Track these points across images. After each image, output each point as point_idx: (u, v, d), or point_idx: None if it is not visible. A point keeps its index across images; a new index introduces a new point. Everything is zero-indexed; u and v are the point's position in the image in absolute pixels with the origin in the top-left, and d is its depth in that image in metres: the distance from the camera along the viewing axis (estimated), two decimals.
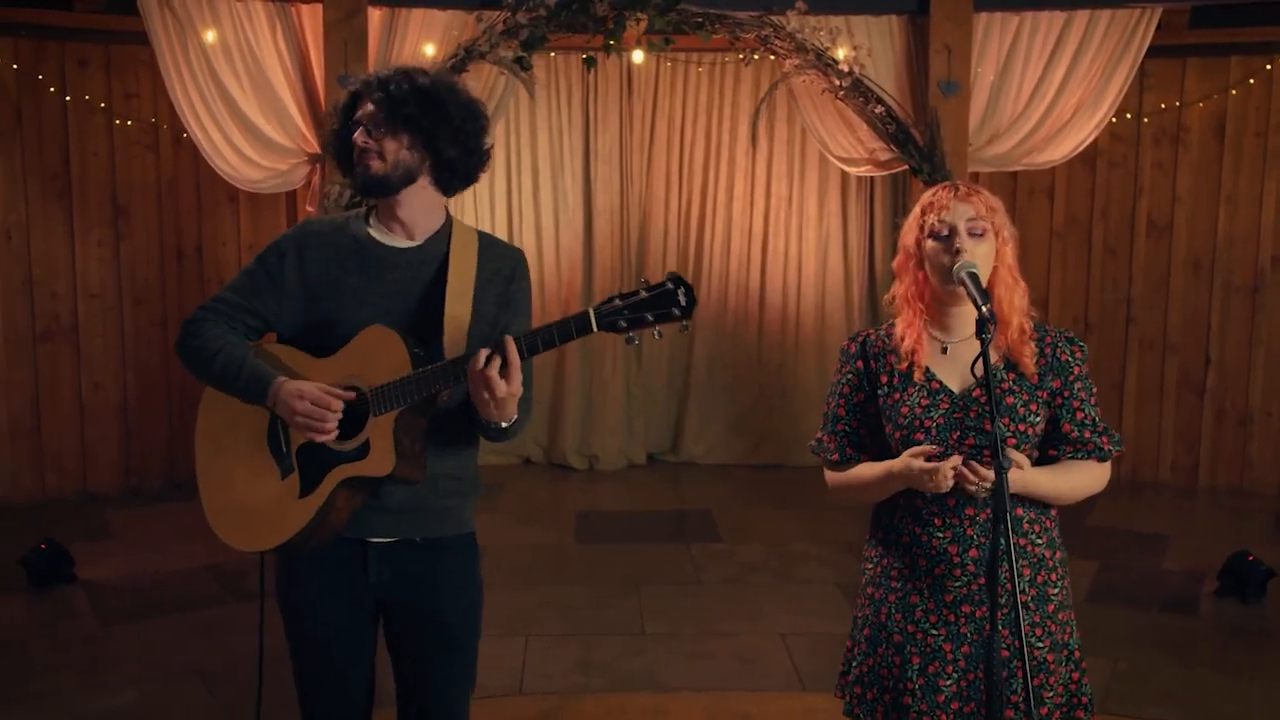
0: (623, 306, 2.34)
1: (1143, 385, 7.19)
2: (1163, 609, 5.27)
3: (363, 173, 2.58)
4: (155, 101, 6.78)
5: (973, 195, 2.54)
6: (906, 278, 2.61)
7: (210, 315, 2.66)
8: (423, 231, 2.65)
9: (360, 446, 2.51)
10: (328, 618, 2.68)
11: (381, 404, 2.48)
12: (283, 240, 2.68)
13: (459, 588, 2.73)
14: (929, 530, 2.53)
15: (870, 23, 5.42)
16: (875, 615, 2.62)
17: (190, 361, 2.66)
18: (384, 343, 2.51)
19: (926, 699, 2.54)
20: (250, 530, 2.61)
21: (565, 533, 6.41)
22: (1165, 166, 7.01)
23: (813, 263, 7.64)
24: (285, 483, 2.57)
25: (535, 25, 5.10)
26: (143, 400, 6.98)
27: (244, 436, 2.64)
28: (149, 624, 5.05)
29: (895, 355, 2.59)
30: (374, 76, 2.61)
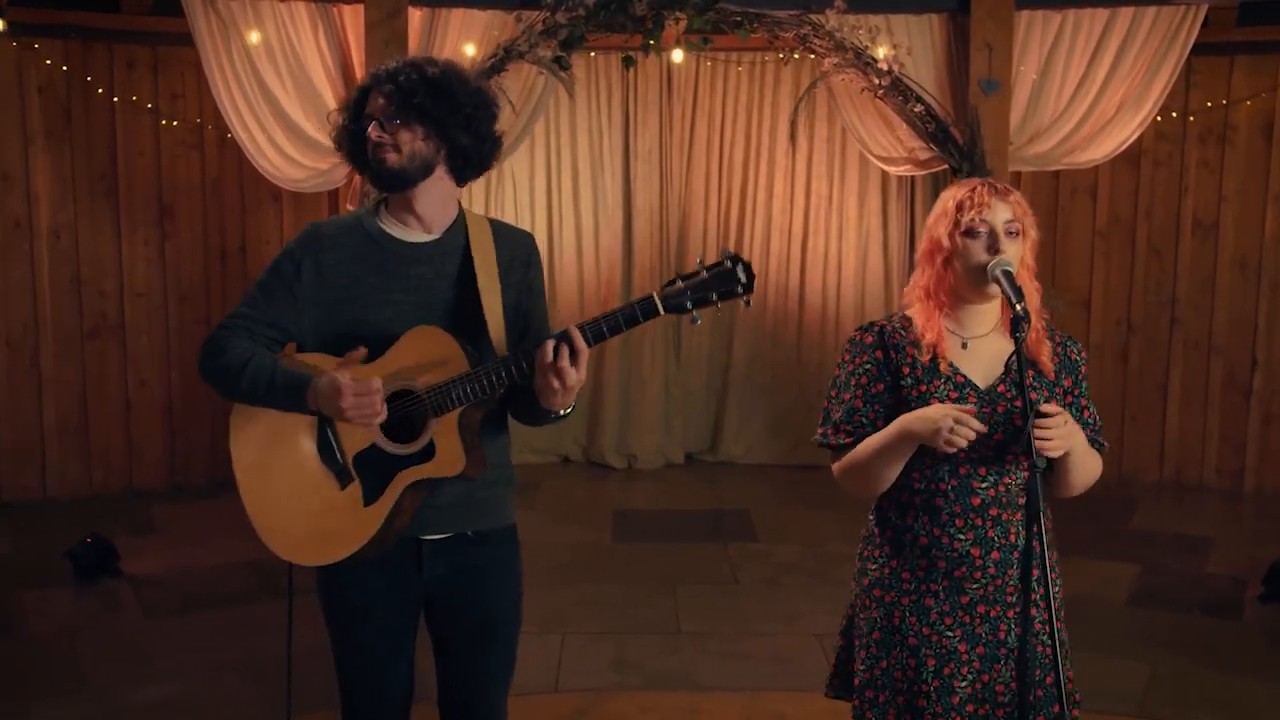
0: (685, 288, 2.37)
1: (1187, 387, 7.10)
2: (1205, 613, 5.21)
3: (378, 167, 2.55)
4: (200, 102, 6.86)
5: (1009, 195, 2.53)
6: (929, 270, 2.58)
7: (230, 331, 2.60)
8: (439, 224, 2.64)
9: (425, 448, 2.50)
10: (378, 616, 2.68)
11: (442, 403, 2.47)
12: (295, 248, 2.62)
13: (505, 580, 2.76)
14: (950, 532, 2.50)
15: (910, 21, 5.39)
16: (887, 618, 2.57)
17: (217, 379, 2.59)
18: (433, 342, 2.51)
19: (941, 700, 2.52)
20: (318, 545, 2.56)
21: (602, 531, 6.43)
22: (1211, 165, 6.92)
23: (853, 262, 7.61)
24: (346, 493, 2.54)
25: (574, 25, 5.11)
26: (187, 398, 7.07)
27: (288, 454, 2.58)
28: (191, 618, 5.12)
29: (915, 347, 2.55)
30: (382, 70, 2.59)
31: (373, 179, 2.60)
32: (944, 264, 2.54)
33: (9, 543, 6.08)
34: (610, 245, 7.65)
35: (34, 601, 5.24)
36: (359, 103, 2.59)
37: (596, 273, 7.65)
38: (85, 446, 6.88)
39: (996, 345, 2.56)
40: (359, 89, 2.62)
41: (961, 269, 2.51)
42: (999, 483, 2.49)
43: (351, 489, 2.54)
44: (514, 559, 2.80)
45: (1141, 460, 7.06)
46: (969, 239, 2.50)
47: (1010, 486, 2.50)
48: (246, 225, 7.08)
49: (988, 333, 2.57)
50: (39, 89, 6.55)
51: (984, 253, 2.48)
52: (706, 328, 7.78)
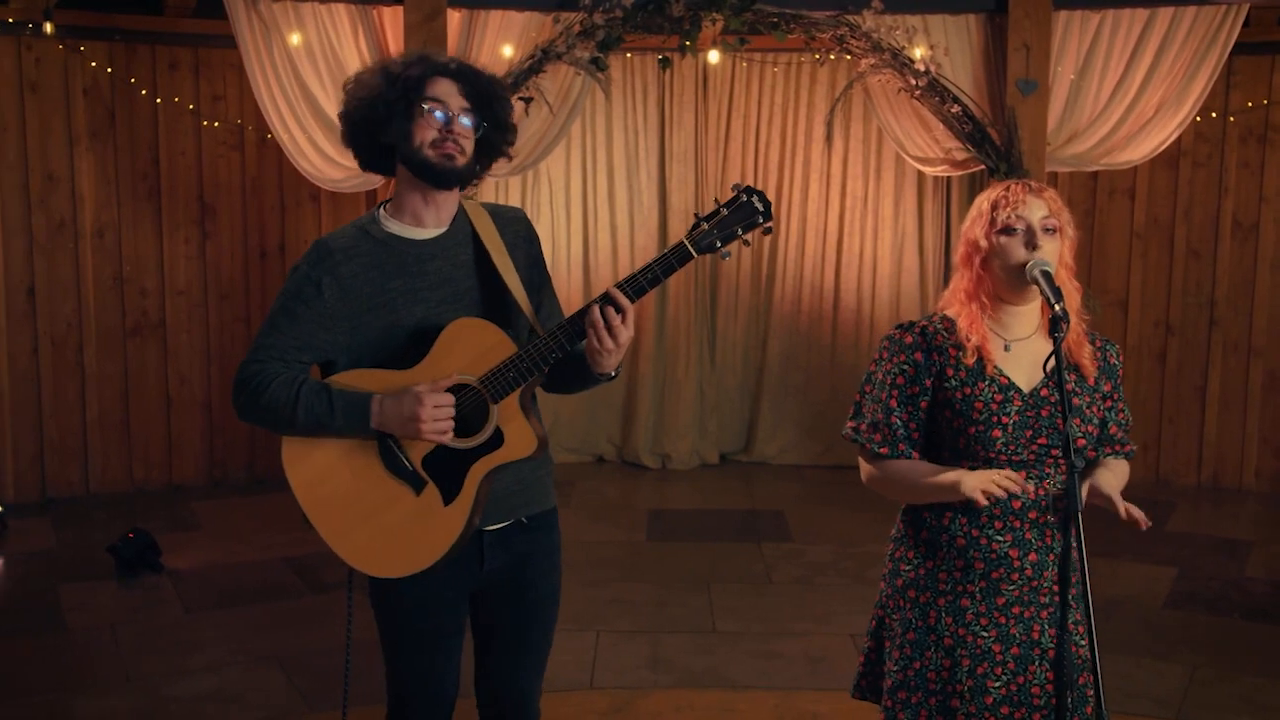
0: (711, 228, 2.47)
1: (1226, 389, 7.05)
2: (1244, 616, 5.17)
3: (444, 163, 2.52)
4: (241, 103, 6.94)
5: (1044, 192, 2.53)
6: (968, 273, 2.57)
7: (263, 365, 2.55)
8: (448, 216, 2.64)
9: (493, 437, 2.52)
10: (434, 613, 2.70)
11: (499, 389, 2.49)
12: (309, 269, 2.56)
13: (551, 563, 2.81)
14: (988, 534, 2.50)
15: (947, 21, 5.38)
16: (922, 618, 2.57)
17: (264, 416, 2.54)
18: (475, 332, 2.52)
19: (975, 701, 2.52)
20: (406, 554, 2.56)
21: (637, 530, 6.45)
22: (1252, 166, 6.86)
23: (888, 263, 7.60)
24: (424, 497, 2.54)
25: (611, 26, 5.14)
26: (226, 395, 7.13)
27: (353, 476, 2.56)
28: (231, 612, 5.18)
29: (959, 349, 2.55)
30: (442, 60, 2.57)
31: (422, 169, 2.54)
32: (982, 265, 2.54)
33: (52, 537, 6.17)
34: (645, 245, 7.67)
35: (77, 595, 5.32)
36: (420, 79, 2.52)
37: (632, 272, 7.66)
38: (126, 442, 6.98)
39: (1038, 348, 2.55)
40: (422, 64, 2.54)
41: (1000, 268, 2.51)
42: (1038, 487, 2.49)
43: (428, 493, 2.55)
44: (558, 542, 2.85)
45: (1179, 463, 7.01)
46: (1006, 237, 2.50)
47: (1050, 489, 2.50)
48: (285, 224, 7.15)
49: (1030, 335, 2.57)
50: (84, 90, 6.65)
51: (1022, 250, 2.48)
52: (741, 327, 7.79)
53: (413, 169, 2.55)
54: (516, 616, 2.78)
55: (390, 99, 2.53)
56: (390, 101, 2.53)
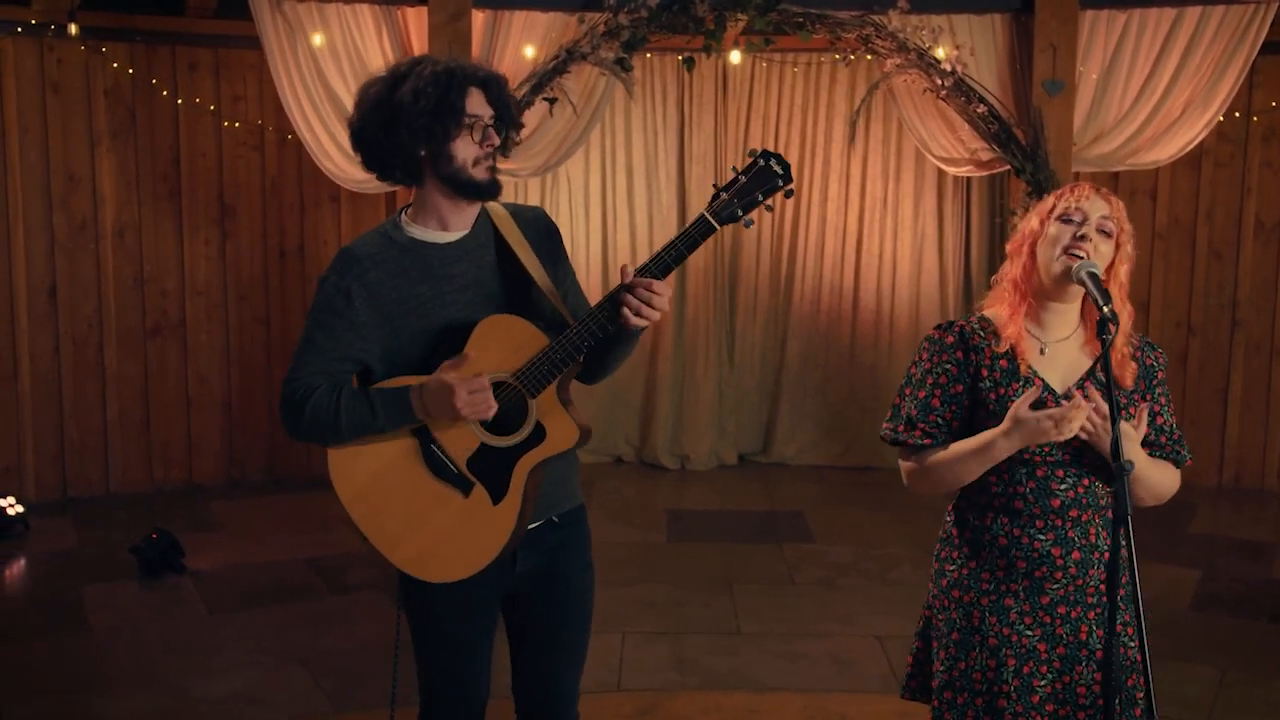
0: (730, 197, 2.43)
1: (1248, 391, 7.02)
2: (1270, 619, 5.14)
3: (489, 182, 2.55)
4: (261, 104, 6.95)
5: (1111, 197, 2.53)
6: (1018, 260, 2.57)
7: (303, 378, 2.56)
8: (470, 218, 2.64)
9: (534, 431, 2.52)
10: (467, 615, 2.70)
11: (536, 383, 2.48)
12: (337, 280, 2.56)
13: (583, 561, 2.81)
14: (1030, 532, 2.49)
15: (973, 21, 5.36)
16: (966, 619, 2.56)
17: (309, 428, 2.55)
18: (506, 328, 2.52)
19: (1022, 700, 2.51)
20: (462, 556, 2.57)
21: (657, 531, 6.44)
22: (1275, 166, 6.84)
23: (907, 264, 7.58)
24: (472, 498, 2.55)
25: (636, 26, 5.13)
26: (245, 395, 7.16)
27: (399, 483, 2.57)
28: (254, 613, 5.18)
29: (995, 344, 2.55)
30: (479, 70, 2.57)
31: (465, 188, 2.54)
32: (1030, 252, 2.53)
33: (74, 537, 6.17)
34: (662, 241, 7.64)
35: (100, 596, 5.33)
36: (458, 92, 2.49)
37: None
38: (146, 442, 6.98)
39: (1074, 353, 2.55)
40: (450, 76, 2.49)
41: (1044, 255, 2.48)
42: (1077, 484, 2.48)
43: (476, 493, 2.55)
44: (587, 538, 2.85)
45: (1201, 464, 6.98)
46: (1061, 224, 2.49)
47: (1090, 488, 2.49)
48: (305, 225, 7.15)
49: (1067, 337, 2.56)
50: (105, 91, 6.66)
51: (1070, 239, 2.46)
52: (760, 327, 7.77)
53: (453, 186, 2.54)
54: (550, 615, 2.77)
55: (429, 114, 2.47)
56: (429, 116, 2.47)
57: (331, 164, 5.50)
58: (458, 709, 2.80)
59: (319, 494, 6.72)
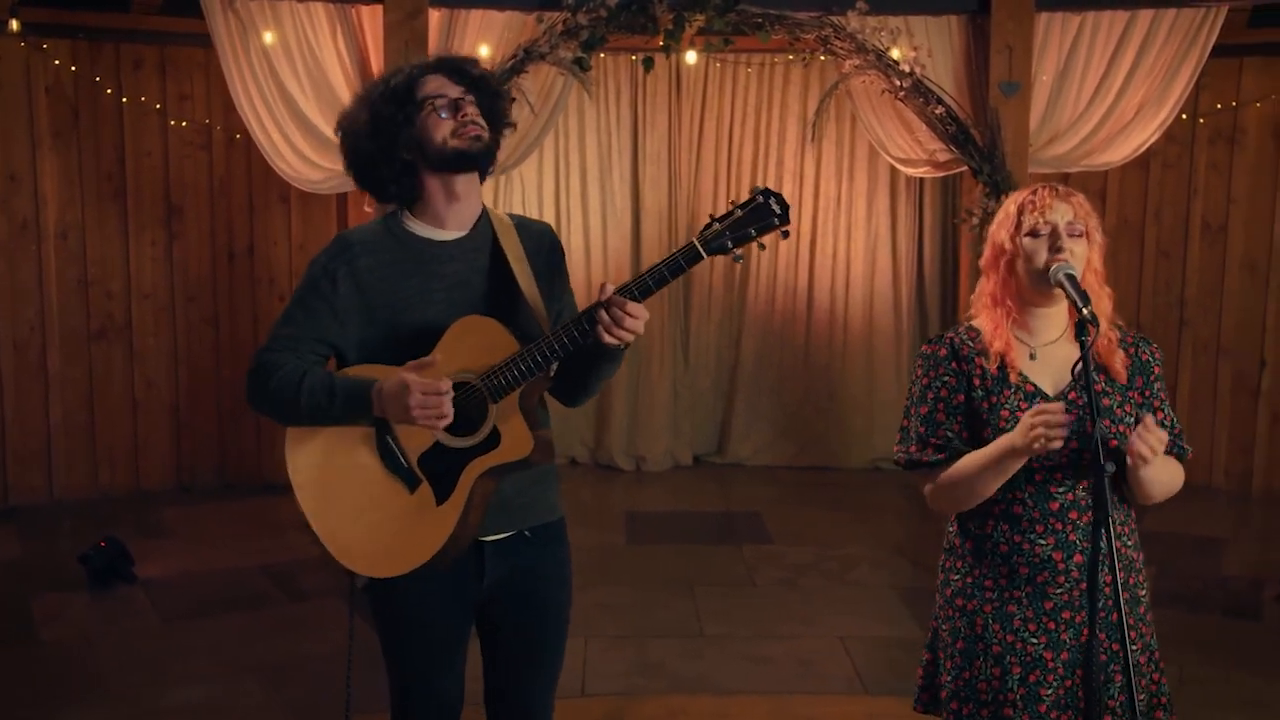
0: (724, 229, 2.37)
1: (1196, 389, 7.13)
2: (1225, 614, 5.22)
3: (474, 145, 2.51)
4: (209, 102, 6.83)
5: (1071, 197, 2.53)
6: (994, 276, 2.57)
7: (275, 354, 2.56)
8: (468, 220, 2.62)
9: (489, 436, 2.48)
10: (435, 623, 2.66)
11: (500, 388, 2.44)
12: (327, 261, 2.57)
13: (560, 579, 2.75)
14: (1030, 538, 2.49)
15: (929, 23, 5.37)
16: (969, 627, 2.56)
17: (272, 405, 2.54)
18: (482, 330, 2.48)
19: (1028, 709, 2.50)
20: (395, 554, 2.52)
21: (615, 533, 6.41)
22: (1220, 167, 6.94)
23: (861, 264, 7.61)
24: (416, 496, 2.51)
25: (595, 26, 5.08)
26: (194, 398, 7.03)
27: (350, 469, 2.54)
28: (209, 622, 5.08)
29: (984, 357, 2.54)
30: (434, 59, 2.60)
31: (454, 161, 2.52)
32: (1008, 268, 2.54)
33: (18, 546, 6.03)
34: (618, 247, 7.63)
35: (49, 607, 5.20)
36: (407, 86, 2.52)
37: (605, 275, 7.62)
38: (91, 447, 6.84)
39: (1066, 352, 2.55)
40: (401, 74, 2.54)
41: (1025, 272, 2.51)
42: (1075, 486, 2.48)
43: (421, 491, 2.51)
44: (566, 554, 2.79)
45: None
46: (1031, 240, 2.50)
47: (1088, 490, 2.49)
48: (255, 226, 7.04)
49: (1057, 339, 2.56)
50: (46, 89, 6.51)
51: (1045, 253, 2.48)
52: (714, 327, 7.77)
53: (443, 166, 2.53)
54: (526, 632, 2.72)
55: (388, 116, 2.51)
56: (391, 121, 2.50)
57: (285, 164, 5.41)
58: (429, 718, 2.75)
59: (272, 498, 6.73)
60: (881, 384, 7.64)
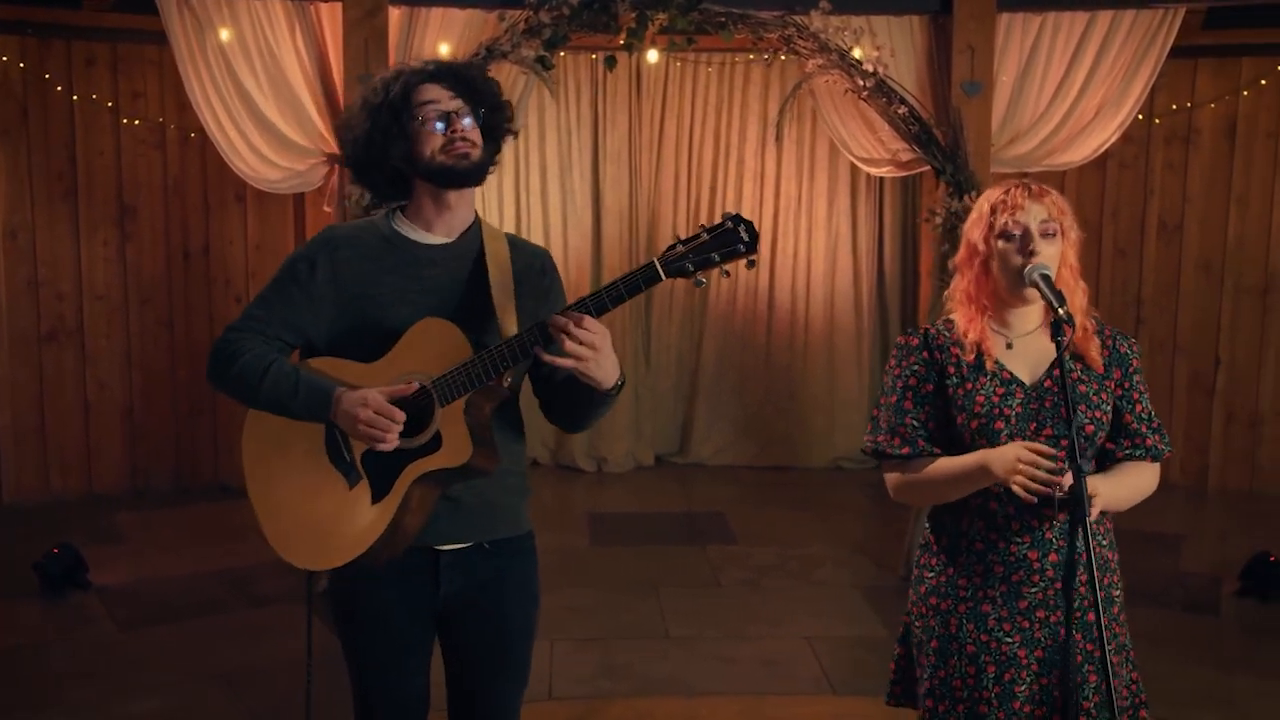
0: (687, 251, 2.31)
1: (1153, 386, 7.05)
2: (1185, 610, 5.27)
3: (459, 162, 2.47)
4: (162, 100, 6.73)
5: (1044, 195, 2.52)
6: (969, 274, 2.57)
7: (242, 334, 2.53)
8: (459, 228, 2.58)
9: (431, 440, 2.44)
10: (393, 629, 2.62)
11: (448, 393, 2.41)
12: (309, 249, 2.57)
13: (525, 595, 2.70)
14: (1006, 536, 2.48)
15: (892, 22, 5.37)
16: (944, 626, 2.55)
17: (232, 385, 2.52)
18: (440, 334, 2.45)
19: (1003, 707, 2.50)
20: (324, 547, 2.50)
21: (579, 535, 6.37)
22: (1176, 168, 7.02)
23: (822, 264, 7.63)
24: (354, 492, 2.48)
25: (558, 24, 5.04)
26: (149, 401, 6.91)
27: (298, 454, 2.53)
28: (166, 629, 4.99)
29: (960, 347, 2.54)
30: (434, 66, 2.53)
31: (439, 175, 2.49)
32: (982, 268, 2.54)
33: None
34: (579, 245, 7.60)
35: (1, 614, 5.08)
36: (403, 95, 2.48)
37: (565, 273, 7.50)
38: (42, 452, 6.71)
39: (1042, 343, 2.55)
40: (399, 80, 2.50)
41: (999, 272, 2.51)
42: None
43: (360, 488, 2.48)
44: (532, 570, 2.74)
45: None
46: (1004, 241, 2.49)
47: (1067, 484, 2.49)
48: (210, 225, 6.94)
49: (1034, 329, 2.57)
50: None
51: (1018, 255, 2.48)
52: (676, 328, 7.76)
53: (431, 179, 2.51)
54: (487, 648, 2.68)
55: (383, 126, 2.49)
56: (384, 129, 2.49)
57: (243, 163, 5.32)
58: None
59: (228, 503, 6.64)
60: (843, 383, 7.66)
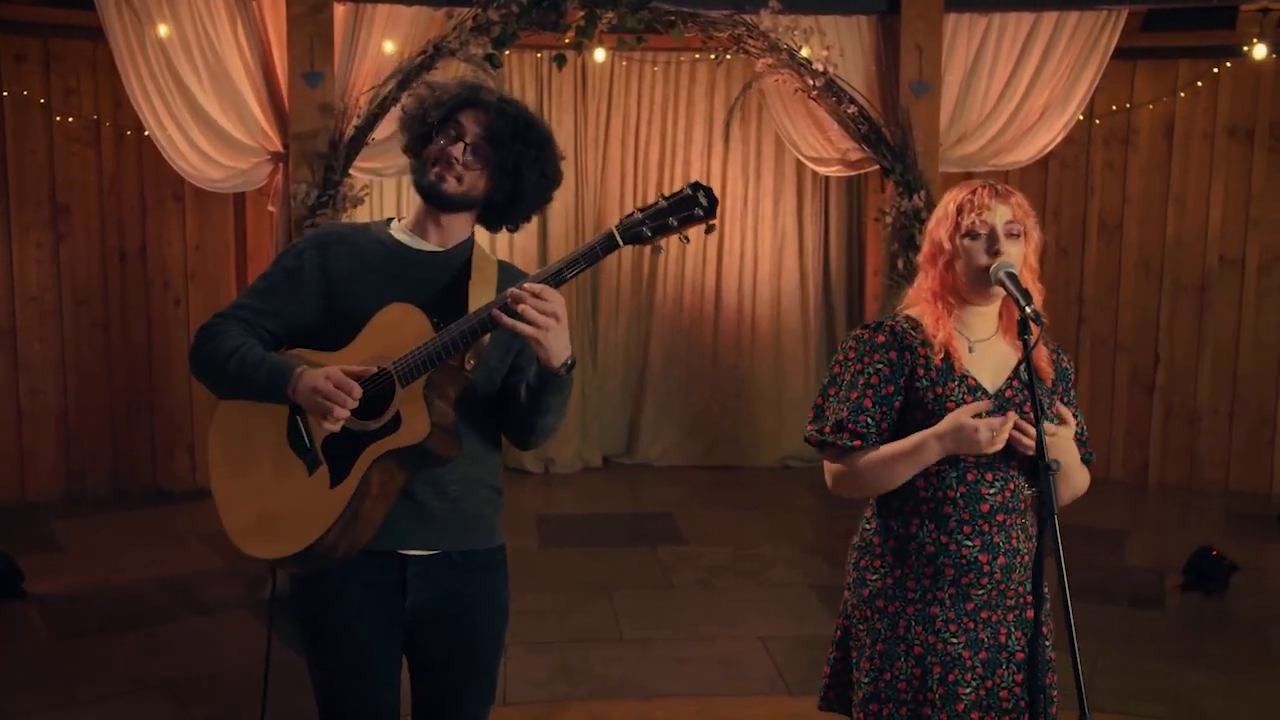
0: (644, 217, 2.36)
1: (1094, 384, 7.30)
2: (1131, 605, 5.33)
3: (435, 182, 2.49)
4: (96, 97, 6.57)
5: (1010, 196, 2.52)
6: (932, 272, 2.56)
7: (226, 320, 2.53)
8: (451, 241, 2.58)
9: (390, 420, 2.40)
10: (363, 641, 2.56)
11: (408, 373, 2.38)
12: (301, 242, 2.60)
13: (494, 608, 2.67)
14: (957, 539, 2.47)
15: (840, 22, 5.40)
16: (891, 629, 2.52)
17: (204, 366, 2.50)
18: (404, 317, 2.43)
19: (946, 708, 2.49)
20: (281, 534, 2.44)
21: (528, 537, 6.32)
22: (1116, 168, 7.12)
23: (768, 263, 7.64)
24: (314, 478, 2.44)
25: (507, 22, 4.99)
26: (84, 405, 6.75)
27: (260, 444, 2.50)
28: (107, 639, 4.86)
29: (928, 348, 2.53)
30: (499, 100, 2.53)
31: (416, 182, 2.55)
32: (946, 267, 2.53)
33: None
34: (525, 245, 7.54)
35: None
36: (455, 106, 2.50)
37: None
38: None
39: (1000, 348, 2.56)
40: (466, 92, 2.52)
41: (963, 271, 2.50)
42: (1005, 488, 2.48)
43: (320, 473, 2.44)
44: (502, 583, 2.71)
45: None
46: (969, 241, 2.49)
47: (1016, 491, 2.50)
48: (147, 226, 6.79)
49: (990, 336, 2.57)
50: None
51: (984, 255, 2.48)
52: (623, 329, 7.73)
53: (416, 187, 2.57)
54: (453, 661, 2.63)
55: (429, 116, 2.53)
56: (428, 118, 2.53)
57: (185, 162, 5.20)
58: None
59: (168, 508, 6.52)
60: (790, 382, 7.68)
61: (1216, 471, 7.12)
